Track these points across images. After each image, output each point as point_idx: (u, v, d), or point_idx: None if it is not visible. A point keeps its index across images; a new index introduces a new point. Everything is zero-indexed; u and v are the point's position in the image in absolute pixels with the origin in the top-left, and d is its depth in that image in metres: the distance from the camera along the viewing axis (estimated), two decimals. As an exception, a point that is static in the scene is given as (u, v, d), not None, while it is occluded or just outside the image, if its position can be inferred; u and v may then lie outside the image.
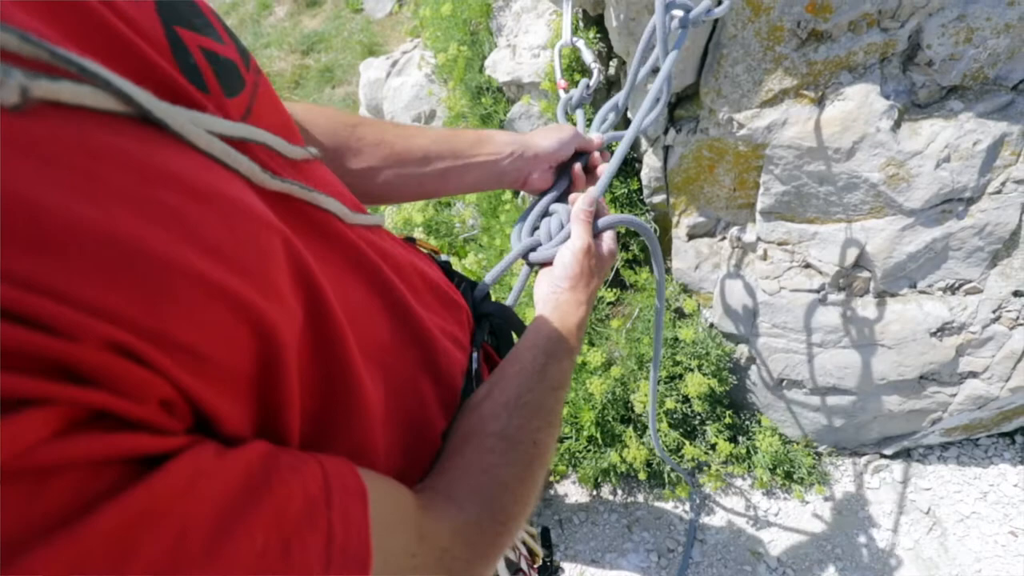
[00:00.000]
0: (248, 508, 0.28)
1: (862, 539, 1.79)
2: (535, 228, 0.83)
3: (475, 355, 0.65)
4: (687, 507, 1.91)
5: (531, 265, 0.81)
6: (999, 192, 1.27)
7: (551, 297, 0.70)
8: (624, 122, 1.69)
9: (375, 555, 0.34)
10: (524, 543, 0.82)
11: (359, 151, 0.70)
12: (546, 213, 0.84)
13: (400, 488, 0.43)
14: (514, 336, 0.77)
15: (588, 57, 1.36)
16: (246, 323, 0.31)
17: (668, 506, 1.92)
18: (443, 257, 0.80)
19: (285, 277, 0.34)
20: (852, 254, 1.44)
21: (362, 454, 0.43)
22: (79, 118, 0.26)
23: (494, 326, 0.75)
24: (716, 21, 1.27)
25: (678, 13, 0.96)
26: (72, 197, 0.24)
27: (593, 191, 0.80)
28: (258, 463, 0.31)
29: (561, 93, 1.25)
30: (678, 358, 1.76)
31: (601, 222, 0.78)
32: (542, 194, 0.85)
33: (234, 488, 0.29)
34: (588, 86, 1.23)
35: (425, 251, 0.77)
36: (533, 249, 0.80)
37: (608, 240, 0.78)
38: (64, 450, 0.22)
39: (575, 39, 1.34)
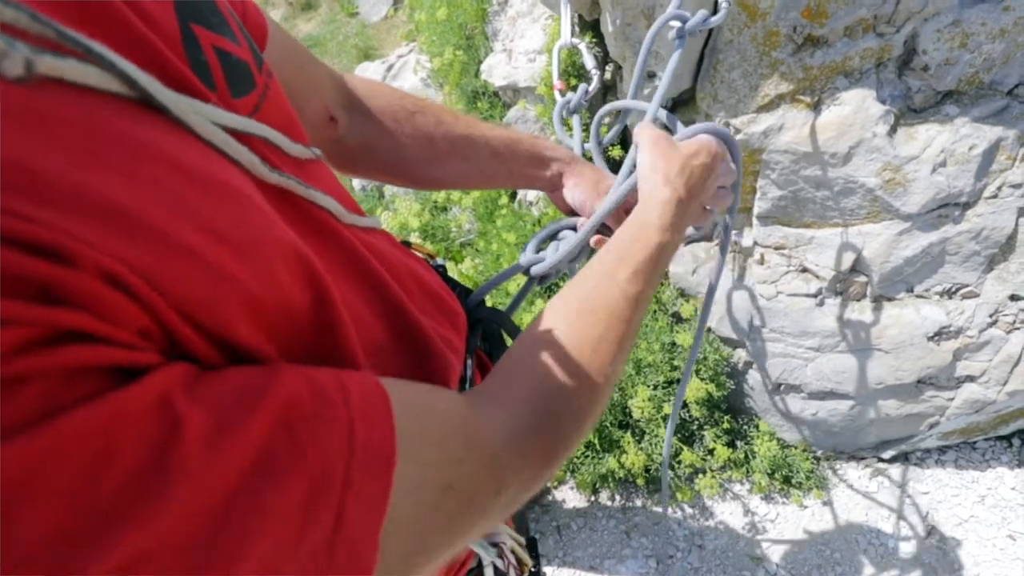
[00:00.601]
0: (249, 407, 0.27)
1: (861, 544, 1.79)
2: (540, 249, 0.80)
3: (469, 361, 0.64)
4: (686, 512, 1.91)
5: (532, 278, 0.78)
6: (995, 196, 1.28)
7: (634, 218, 0.62)
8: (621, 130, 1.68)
9: (408, 460, 0.32)
10: (513, 552, 0.81)
11: (413, 140, 0.70)
12: (554, 237, 0.81)
13: (440, 392, 0.42)
14: (508, 342, 0.76)
15: (589, 63, 1.34)
16: (243, 307, 0.30)
17: (667, 511, 1.91)
18: (439, 261, 0.80)
19: (289, 268, 0.34)
20: (849, 258, 1.44)
21: None
22: (83, 96, 0.26)
23: (488, 331, 0.74)
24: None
25: (675, 24, 0.96)
26: (72, 166, 0.24)
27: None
28: (257, 371, 0.30)
29: (557, 95, 1.24)
30: (676, 363, 1.76)
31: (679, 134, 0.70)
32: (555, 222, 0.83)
33: (230, 392, 0.28)
34: (587, 91, 1.20)
35: (421, 255, 0.76)
36: (536, 264, 0.77)
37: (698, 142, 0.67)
38: (34, 360, 0.22)
39: (576, 40, 1.33)
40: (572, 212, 0.84)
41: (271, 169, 0.37)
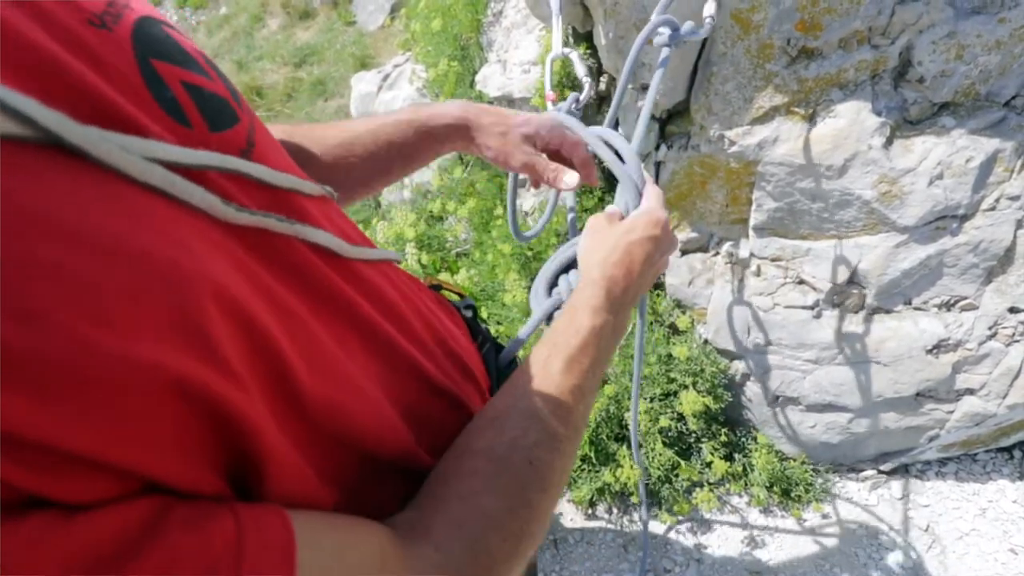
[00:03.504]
0: (115, 570, 0.25)
1: (861, 557, 1.77)
2: (553, 286, 0.76)
3: None
4: (683, 526, 1.89)
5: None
6: (993, 209, 1.26)
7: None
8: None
9: None
10: None
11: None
12: (565, 269, 0.77)
13: (362, 529, 0.39)
14: None
15: (580, 71, 1.33)
16: (173, 394, 0.28)
17: (665, 526, 1.89)
18: (468, 301, 0.76)
19: (216, 329, 0.31)
20: (846, 271, 1.43)
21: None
22: None
23: None
24: (705, 39, 1.26)
25: (665, 31, 0.96)
26: None
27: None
28: (135, 522, 0.27)
29: (549, 105, 1.23)
30: (672, 375, 1.74)
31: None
32: (557, 248, 0.81)
33: (92, 550, 0.25)
34: (578, 99, 1.19)
35: (452, 293, 0.74)
36: (557, 307, 0.74)
37: (644, 205, 0.68)
38: None
39: (567, 50, 1.32)
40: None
41: (238, 209, 0.34)
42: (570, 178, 0.76)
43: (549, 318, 0.74)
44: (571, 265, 0.76)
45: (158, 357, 0.27)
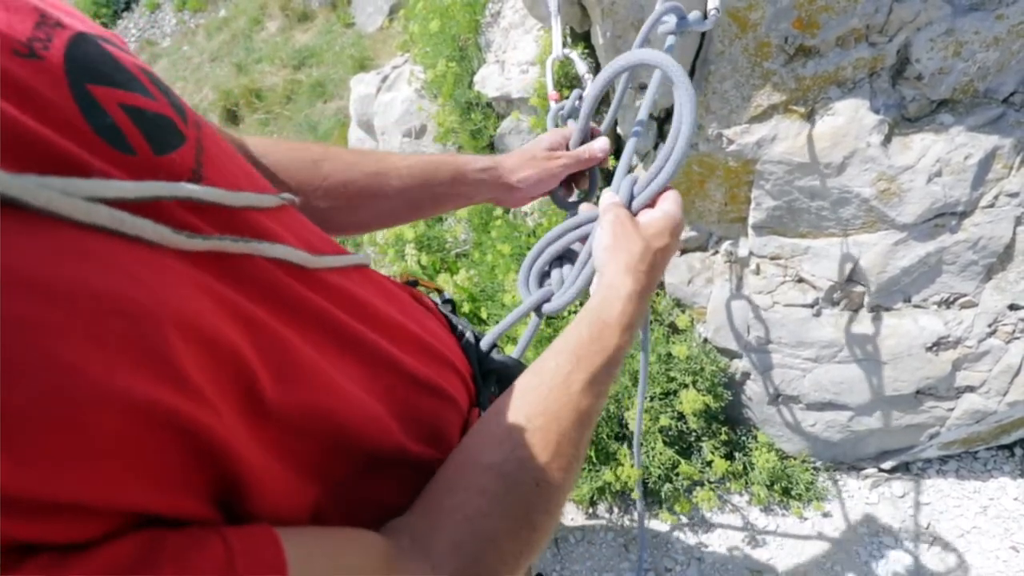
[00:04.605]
0: None
1: (862, 556, 1.77)
2: (544, 274, 0.73)
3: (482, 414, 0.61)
4: (684, 525, 1.89)
5: (541, 317, 0.73)
6: (992, 206, 1.26)
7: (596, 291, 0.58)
8: (614, 137, 1.68)
9: None
10: None
11: (326, 191, 0.66)
12: (559, 257, 0.73)
13: (355, 546, 0.38)
14: None
15: (581, 68, 1.33)
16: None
17: (665, 525, 1.89)
18: (446, 296, 0.76)
19: (180, 357, 0.30)
20: (845, 268, 1.43)
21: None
22: None
23: (502, 379, 0.69)
24: (703, 38, 1.26)
25: (669, 19, 0.94)
26: None
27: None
28: (125, 558, 0.27)
29: (552, 105, 1.23)
30: (672, 374, 1.74)
31: (639, 197, 0.65)
32: (546, 235, 0.76)
33: None
34: (580, 96, 1.20)
35: (428, 291, 0.73)
36: (547, 300, 0.71)
37: (660, 206, 0.64)
38: None
39: (567, 51, 1.32)
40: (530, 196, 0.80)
41: (191, 235, 0.33)
42: (600, 143, 0.79)
43: (537, 309, 0.72)
44: (566, 255, 0.73)
45: (127, 393, 0.27)
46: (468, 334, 0.69)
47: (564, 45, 1.32)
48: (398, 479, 0.47)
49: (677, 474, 1.77)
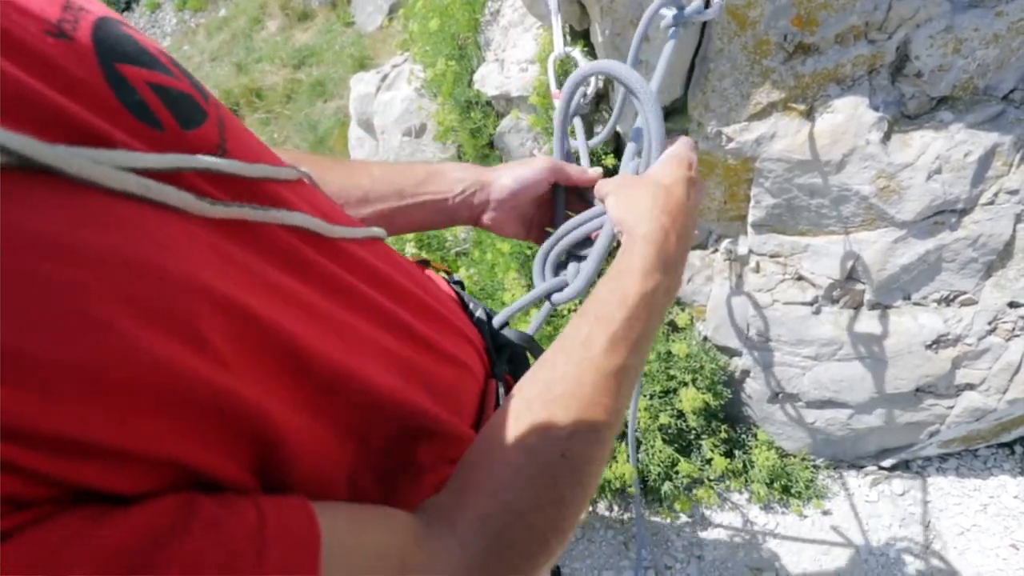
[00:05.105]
0: (144, 566, 0.26)
1: (862, 554, 1.77)
2: (559, 265, 0.72)
3: (501, 389, 0.60)
4: (684, 523, 1.89)
5: (555, 306, 0.72)
6: (992, 203, 1.26)
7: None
8: (615, 136, 1.68)
9: None
10: None
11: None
12: (577, 250, 0.71)
13: (386, 523, 0.39)
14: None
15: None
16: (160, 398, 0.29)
17: (665, 522, 1.89)
18: (456, 277, 0.76)
19: (209, 325, 0.32)
20: (845, 266, 1.43)
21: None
22: None
23: (515, 355, 0.69)
24: (702, 35, 1.26)
25: (669, 11, 0.92)
26: None
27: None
28: (162, 517, 0.28)
29: (556, 103, 1.23)
30: (671, 372, 1.74)
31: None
32: (558, 221, 0.73)
33: (121, 548, 0.26)
34: (585, 94, 1.19)
35: (438, 272, 0.74)
36: (559, 289, 0.70)
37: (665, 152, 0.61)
38: None
39: (568, 49, 1.32)
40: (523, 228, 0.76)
41: (212, 202, 0.35)
42: (595, 172, 0.74)
43: (548, 296, 0.71)
44: (583, 244, 0.71)
45: (159, 355, 0.29)
46: (479, 311, 0.69)
47: (564, 43, 1.32)
48: (432, 450, 0.48)
49: (677, 472, 1.77)
